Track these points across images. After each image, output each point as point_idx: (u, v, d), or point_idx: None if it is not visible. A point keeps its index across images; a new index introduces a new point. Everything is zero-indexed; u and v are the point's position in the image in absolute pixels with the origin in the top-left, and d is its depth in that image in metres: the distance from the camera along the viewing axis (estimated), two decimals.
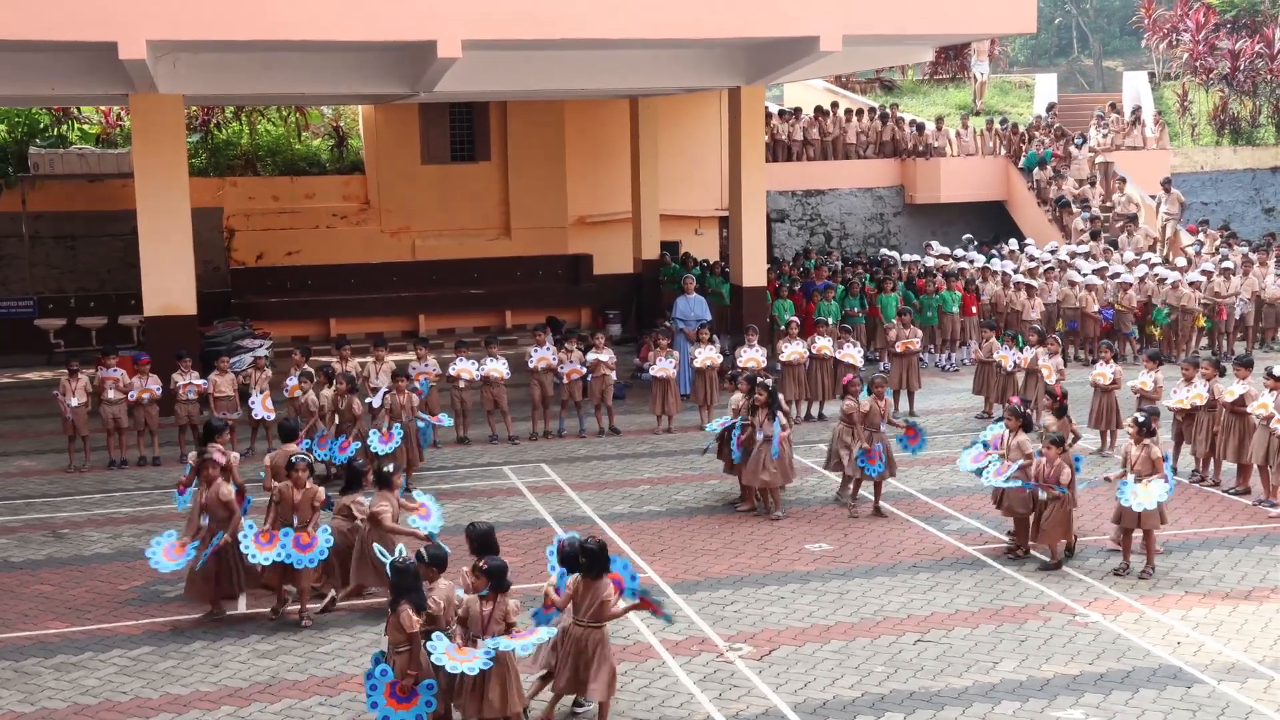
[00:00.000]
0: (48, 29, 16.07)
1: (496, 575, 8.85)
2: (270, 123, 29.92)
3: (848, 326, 21.29)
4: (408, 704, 8.73)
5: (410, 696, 8.74)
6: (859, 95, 37.33)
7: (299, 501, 11.44)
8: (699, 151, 29.76)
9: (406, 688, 8.73)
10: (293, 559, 11.18)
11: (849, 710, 9.57)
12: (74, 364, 17.73)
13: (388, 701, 8.68)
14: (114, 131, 28.45)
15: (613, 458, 17.52)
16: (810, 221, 32.46)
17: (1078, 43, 65.53)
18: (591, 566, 9.16)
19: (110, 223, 26.31)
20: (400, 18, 17.02)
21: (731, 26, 18.56)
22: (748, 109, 21.98)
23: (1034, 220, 31.28)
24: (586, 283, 28.76)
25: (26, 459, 17.74)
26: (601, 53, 20.41)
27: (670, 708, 9.67)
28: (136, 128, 19.86)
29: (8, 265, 26.69)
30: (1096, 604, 11.58)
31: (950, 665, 10.33)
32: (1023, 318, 22.64)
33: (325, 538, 11.32)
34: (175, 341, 18.92)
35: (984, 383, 19.33)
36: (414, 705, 8.76)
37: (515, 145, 28.91)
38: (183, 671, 10.51)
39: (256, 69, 19.55)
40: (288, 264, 27.84)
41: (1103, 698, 9.67)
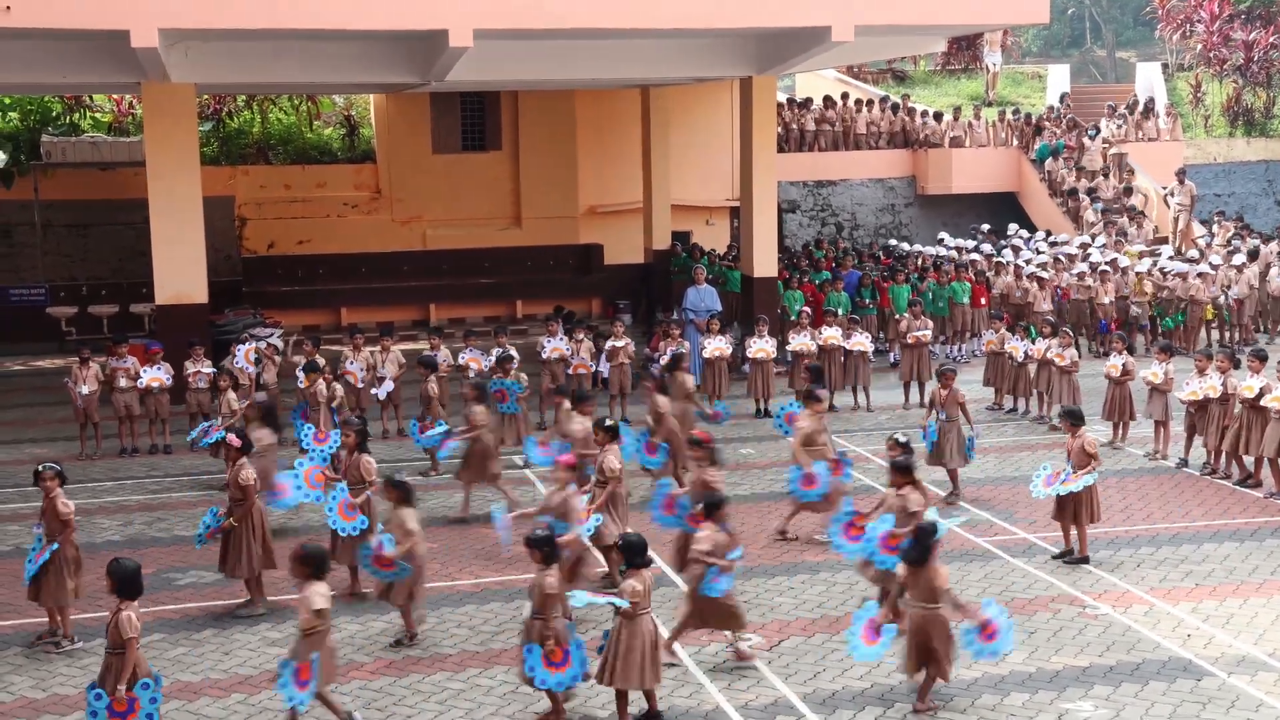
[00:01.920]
0: (60, 17, 16.10)
1: (630, 551, 9.12)
2: (282, 111, 29.94)
3: (856, 317, 21.28)
4: (562, 667, 8.93)
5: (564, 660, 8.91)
6: (871, 86, 37.25)
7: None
8: (710, 141, 29.71)
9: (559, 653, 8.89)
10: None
11: (858, 701, 9.57)
12: (85, 352, 17.77)
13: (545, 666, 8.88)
14: (126, 120, 28.48)
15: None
16: (821, 212, 32.43)
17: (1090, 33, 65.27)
18: (920, 556, 9.26)
19: (122, 211, 26.35)
20: (412, 7, 17.02)
21: (743, 16, 18.52)
22: (759, 99, 21.95)
23: (1046, 211, 31.21)
24: (597, 273, 28.75)
25: (38, 446, 17.79)
26: (613, 42, 20.39)
27: (679, 697, 9.68)
28: (148, 116, 19.89)
29: (20, 253, 26.74)
30: (1106, 596, 11.56)
31: (959, 656, 10.30)
32: (1034, 309, 22.60)
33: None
34: (187, 330, 18.97)
35: (995, 374, 19.30)
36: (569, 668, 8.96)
37: (526, 135, 28.90)
38: (193, 659, 10.55)
39: (268, 58, 19.56)
40: (299, 253, 27.87)
41: (1112, 690, 9.66)
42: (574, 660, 8.91)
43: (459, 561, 12.88)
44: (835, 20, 18.32)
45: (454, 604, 11.67)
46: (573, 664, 8.90)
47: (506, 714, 9.45)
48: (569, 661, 8.88)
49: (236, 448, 11.78)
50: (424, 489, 15.00)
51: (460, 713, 9.48)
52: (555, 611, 8.98)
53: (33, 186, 26.24)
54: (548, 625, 8.91)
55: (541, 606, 8.95)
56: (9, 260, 26.70)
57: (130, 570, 8.61)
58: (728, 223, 30.43)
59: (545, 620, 8.93)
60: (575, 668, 8.92)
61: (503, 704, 9.61)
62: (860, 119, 32.62)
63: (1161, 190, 30.20)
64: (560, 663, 8.85)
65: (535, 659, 8.83)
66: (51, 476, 10.99)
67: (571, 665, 8.90)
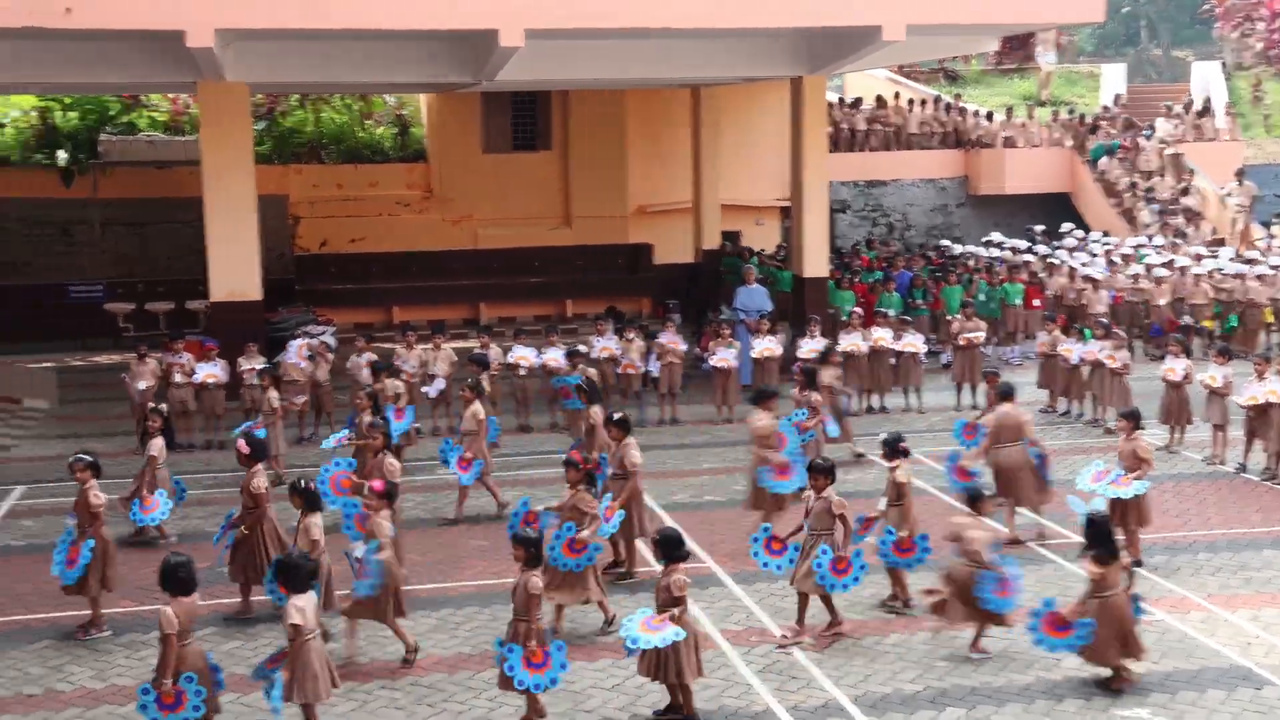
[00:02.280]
0: (119, 18, 16.31)
1: (668, 545, 9.22)
2: (334, 111, 30.16)
3: (908, 318, 21.16)
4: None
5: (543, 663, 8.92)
6: (922, 85, 37.03)
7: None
8: (760, 141, 29.63)
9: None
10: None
11: (910, 704, 9.51)
12: (142, 348, 18.01)
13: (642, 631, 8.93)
14: (182, 119, 28.79)
15: (673, 447, 17.52)
16: (872, 212, 32.28)
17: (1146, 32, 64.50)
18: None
19: (178, 209, 26.62)
20: (463, 7, 17.10)
21: (794, 16, 18.46)
22: (810, 99, 21.86)
23: (1100, 212, 30.91)
24: (646, 272, 28.74)
25: (96, 441, 17.97)
26: (663, 42, 20.38)
27: (729, 698, 9.66)
28: (204, 115, 20.10)
29: (79, 251, 27.10)
30: (1162, 602, 11.42)
31: (1013, 661, 10.24)
32: (1088, 310, 22.38)
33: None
34: (241, 327, 19.14)
35: (1049, 376, 19.13)
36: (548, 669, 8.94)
37: (576, 135, 28.93)
38: (247, 652, 10.65)
39: (321, 57, 19.70)
40: (351, 251, 28.06)
41: (1169, 697, 9.54)
42: (553, 662, 8.88)
43: (460, 561, 12.92)
44: (886, 20, 18.23)
45: (455, 605, 11.70)
46: (552, 665, 8.87)
47: (557, 711, 9.46)
48: (549, 663, 8.86)
49: (246, 454, 11.80)
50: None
51: (510, 710, 9.50)
52: (538, 613, 8.96)
53: (91, 185, 26.60)
54: (530, 626, 8.89)
55: (525, 607, 8.93)
56: (68, 257, 27.05)
57: (172, 566, 8.63)
58: (778, 222, 30.34)
59: (528, 622, 8.90)
60: (554, 669, 8.89)
61: (552, 701, 9.62)
62: (912, 119, 32.42)
63: (1220, 191, 29.82)
64: (540, 664, 8.84)
65: (515, 659, 8.81)
66: (84, 468, 11.13)
67: (550, 667, 8.87)
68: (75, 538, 10.98)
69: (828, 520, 10.50)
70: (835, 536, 10.45)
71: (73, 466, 11.16)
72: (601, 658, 10.41)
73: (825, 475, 10.63)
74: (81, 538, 10.94)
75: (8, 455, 17.85)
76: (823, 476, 10.62)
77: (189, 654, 8.46)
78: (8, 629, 11.28)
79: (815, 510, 10.59)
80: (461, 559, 12.94)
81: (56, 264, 26.92)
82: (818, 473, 10.66)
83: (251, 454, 11.76)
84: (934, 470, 16.08)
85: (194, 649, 8.53)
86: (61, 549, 10.98)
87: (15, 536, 14.02)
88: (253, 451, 11.80)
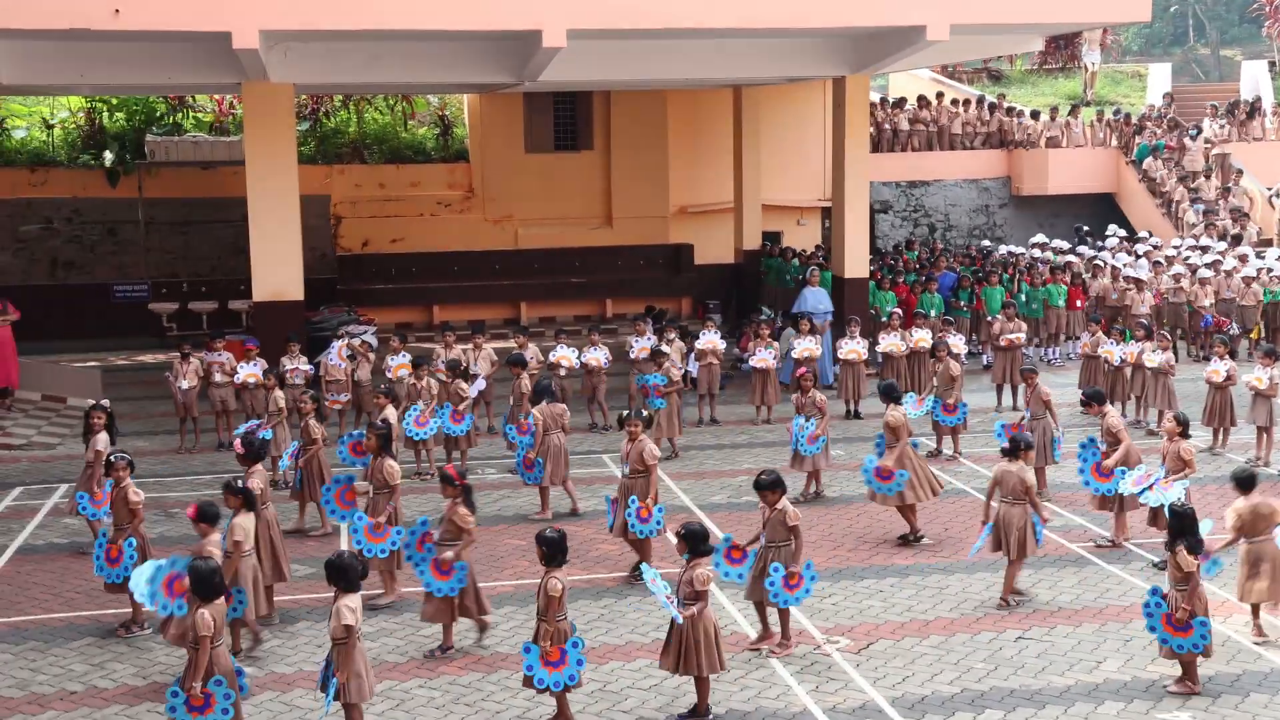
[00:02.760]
0: (166, 19, 16.47)
1: (693, 540, 9.23)
2: (377, 111, 30.33)
3: (950, 319, 21.06)
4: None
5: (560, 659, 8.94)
6: (965, 85, 36.81)
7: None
8: (802, 141, 29.57)
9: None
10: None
11: (948, 706, 9.47)
12: (186, 347, 18.18)
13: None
14: (227, 119, 29.04)
15: (711, 448, 17.50)
16: (914, 213, 32.11)
17: (1194, 31, 63.92)
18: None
19: (222, 209, 26.89)
20: (506, 7, 17.16)
21: (837, 15, 18.40)
22: (852, 99, 21.79)
23: (1145, 213, 30.62)
24: (687, 272, 28.73)
25: (140, 439, 18.19)
26: (705, 42, 20.37)
27: (767, 699, 9.65)
28: (248, 116, 20.26)
29: (124, 250, 27.40)
30: None
31: (1052, 663, 10.17)
32: (1131, 312, 22.18)
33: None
34: (283, 326, 19.28)
35: (1091, 378, 18.97)
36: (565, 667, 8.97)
37: (618, 135, 28.95)
38: (287, 651, 10.73)
39: (365, 58, 19.83)
40: (392, 251, 28.20)
41: (1210, 701, 9.44)
42: (570, 659, 8.88)
43: (500, 561, 12.93)
44: (930, 19, 18.13)
45: (493, 605, 11.69)
46: (569, 663, 8.87)
47: (594, 711, 9.49)
48: (565, 660, 8.86)
49: (241, 454, 11.83)
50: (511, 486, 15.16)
51: (548, 709, 9.52)
52: (561, 614, 8.94)
53: (137, 185, 26.89)
54: (550, 625, 8.88)
55: (546, 608, 8.92)
56: (114, 257, 27.36)
57: (205, 571, 8.65)
58: (819, 223, 30.25)
59: (549, 621, 8.89)
60: (571, 666, 8.88)
61: (590, 701, 9.65)
62: (956, 119, 32.24)
63: (1267, 192, 29.47)
64: (557, 662, 8.84)
65: (533, 659, 8.82)
66: (123, 466, 11.22)
67: (568, 664, 8.87)
68: (113, 536, 11.09)
69: (783, 532, 10.39)
70: (788, 550, 10.34)
71: (112, 465, 11.25)
72: (638, 657, 10.42)
73: (775, 489, 10.42)
74: (120, 536, 11.05)
75: (52, 454, 18.07)
76: (772, 491, 10.42)
77: (218, 656, 8.50)
78: (52, 626, 11.42)
79: (770, 521, 10.46)
80: (501, 559, 12.98)
81: (102, 264, 27.24)
82: (766, 488, 10.43)
83: (248, 454, 11.76)
84: (973, 471, 16.00)
85: (222, 651, 8.56)
86: (100, 548, 11.10)
87: (58, 534, 14.19)
88: (249, 452, 11.78)
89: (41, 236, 26.96)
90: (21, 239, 26.81)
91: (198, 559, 8.89)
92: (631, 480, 12.10)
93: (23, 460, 17.69)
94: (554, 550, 9.06)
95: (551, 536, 9.12)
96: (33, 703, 9.83)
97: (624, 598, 11.78)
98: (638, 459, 12.08)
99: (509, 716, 9.42)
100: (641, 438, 12.17)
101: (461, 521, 10.52)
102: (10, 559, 13.31)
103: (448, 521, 10.61)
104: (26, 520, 14.69)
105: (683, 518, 13.78)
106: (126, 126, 28.39)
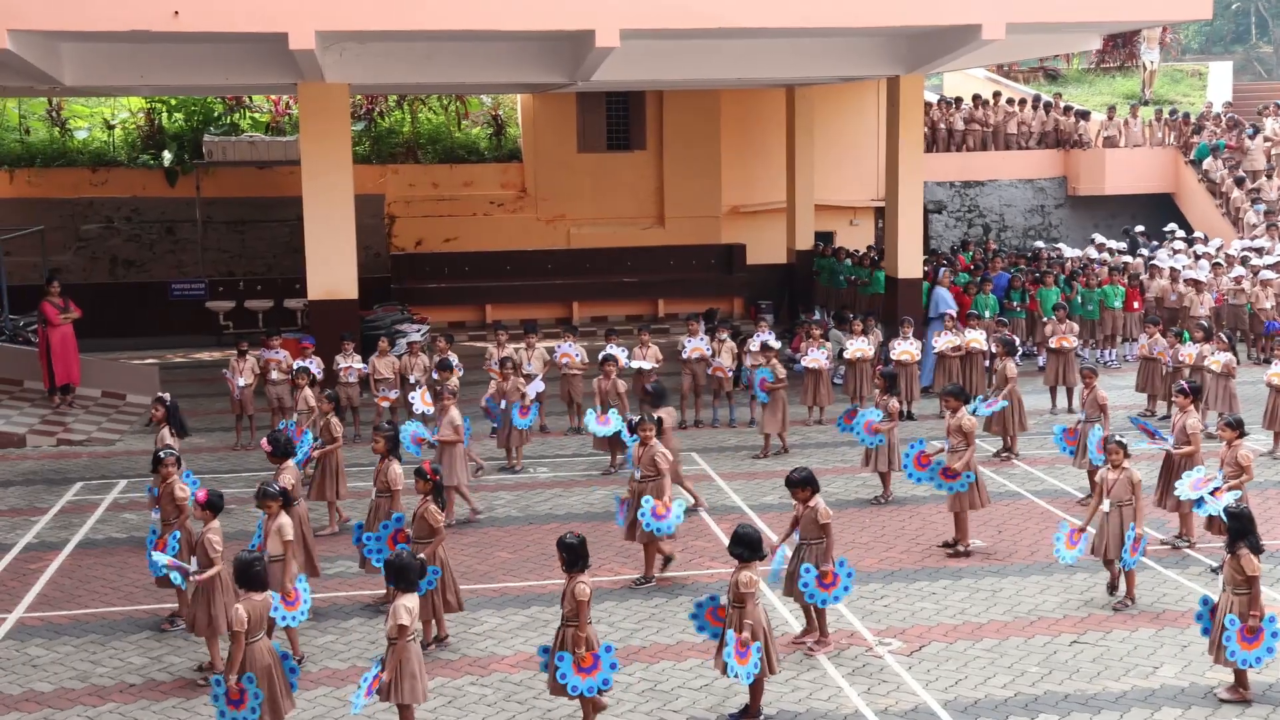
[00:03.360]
0: (223, 21, 16.65)
1: (744, 543, 9.24)
2: (431, 111, 30.51)
3: (1004, 320, 20.88)
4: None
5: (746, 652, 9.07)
6: (1021, 85, 36.48)
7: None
8: (855, 141, 29.44)
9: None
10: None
11: (1001, 710, 9.39)
12: (243, 345, 18.38)
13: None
14: (283, 120, 29.32)
15: (761, 447, 17.45)
16: (969, 213, 31.88)
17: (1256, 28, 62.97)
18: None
19: (277, 208, 27.15)
20: (559, 7, 17.19)
21: (891, 15, 18.28)
22: (906, 98, 21.64)
23: (1204, 213, 30.22)
24: (739, 272, 28.69)
25: (197, 436, 18.34)
26: (759, 41, 20.32)
27: (818, 700, 9.62)
28: (304, 116, 20.42)
29: (182, 249, 27.73)
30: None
31: (1108, 668, 10.07)
32: (1190, 313, 21.90)
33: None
34: (337, 325, 19.42)
35: (1147, 380, 18.77)
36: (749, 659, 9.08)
37: (670, 134, 28.96)
38: (340, 646, 10.82)
39: (419, 58, 19.93)
40: (446, 250, 28.36)
41: (1271, 710, 9.31)
42: (603, 664, 8.87)
43: (552, 559, 12.96)
44: (986, 18, 17.97)
45: (545, 603, 11.70)
46: (602, 668, 8.86)
47: (645, 710, 9.49)
48: (599, 665, 8.86)
49: (269, 452, 11.92)
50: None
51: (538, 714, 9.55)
52: (587, 618, 8.90)
53: (195, 185, 27.21)
54: (580, 631, 8.85)
55: (573, 613, 8.89)
56: (172, 256, 27.69)
57: (244, 563, 8.75)
58: (872, 223, 30.11)
59: (578, 627, 8.86)
60: (605, 671, 8.87)
61: (640, 700, 9.65)
62: (1012, 119, 31.97)
63: None
64: (590, 668, 8.82)
65: (566, 666, 8.81)
66: (171, 462, 11.35)
67: (601, 669, 8.86)
68: (162, 532, 11.23)
69: (815, 530, 10.40)
70: (819, 548, 10.38)
71: (163, 461, 11.40)
72: (689, 657, 10.42)
73: (805, 486, 10.47)
74: (167, 530, 11.19)
75: (112, 449, 18.32)
76: (803, 488, 10.46)
77: (255, 651, 8.55)
78: (112, 619, 11.58)
79: (803, 519, 10.49)
80: (553, 556, 12.98)
81: (160, 262, 27.58)
82: (797, 485, 10.48)
83: (276, 451, 11.87)
84: (1027, 473, 15.87)
85: (261, 645, 8.61)
86: (151, 543, 11.24)
87: (118, 529, 14.38)
88: (277, 449, 11.89)
89: (102, 235, 27.34)
90: (83, 238, 27.20)
91: (242, 551, 8.98)
92: (643, 485, 12.06)
93: (83, 456, 17.95)
94: (574, 556, 9.01)
95: (571, 542, 9.06)
96: (93, 694, 9.98)
97: (675, 597, 11.78)
98: (650, 463, 12.09)
99: (560, 715, 9.44)
100: (653, 442, 12.16)
101: (432, 520, 10.57)
102: (71, 553, 13.51)
103: (419, 520, 10.66)
104: (87, 515, 14.91)
105: (735, 518, 13.79)
106: (185, 127, 28.73)
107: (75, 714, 9.65)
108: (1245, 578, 9.31)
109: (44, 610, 11.83)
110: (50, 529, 14.40)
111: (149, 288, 26.95)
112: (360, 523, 11.89)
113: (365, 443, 17.62)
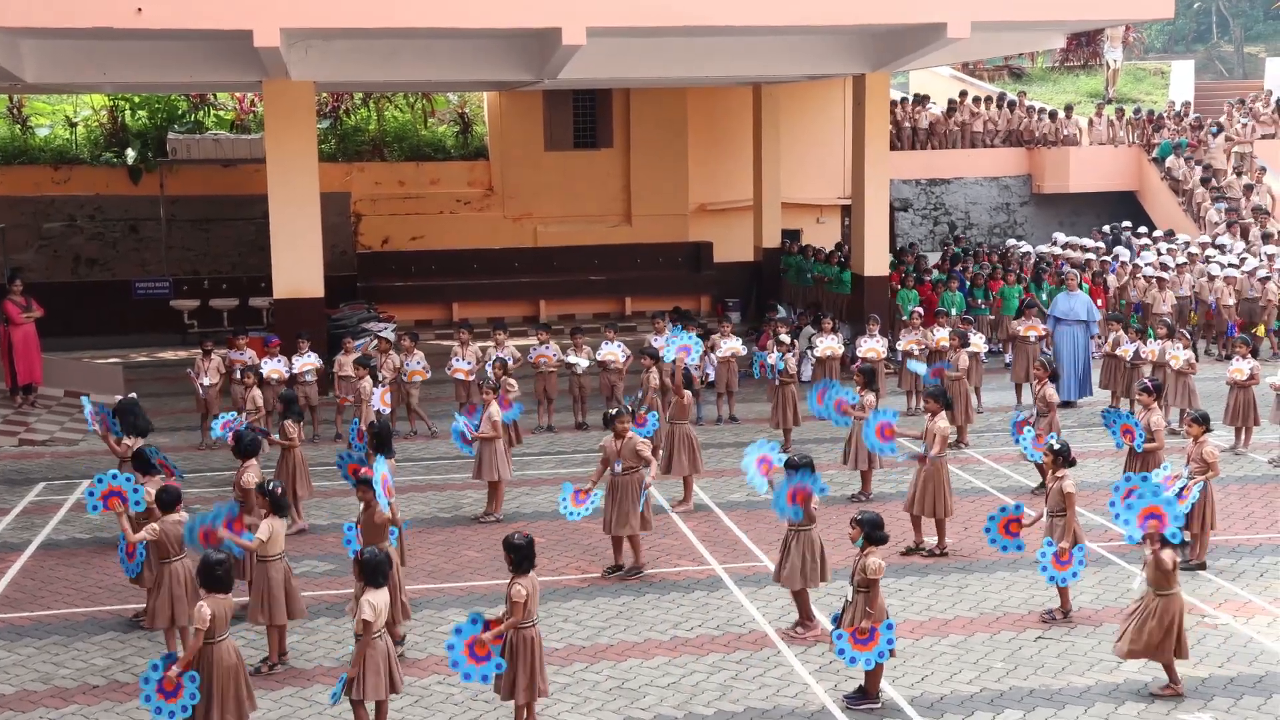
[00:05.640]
0: (188, 18, 16.55)
1: (869, 526, 9.54)
2: (397, 109, 30.41)
3: (970, 318, 20.98)
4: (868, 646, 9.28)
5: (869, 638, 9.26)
6: (986, 83, 36.69)
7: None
8: (822, 139, 29.53)
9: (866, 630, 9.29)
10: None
11: (966, 706, 9.45)
12: (208, 344, 18.27)
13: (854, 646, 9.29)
14: (248, 117, 29.15)
15: (730, 445, 17.48)
16: (934, 211, 32.03)
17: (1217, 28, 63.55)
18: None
19: (242, 206, 26.98)
20: (526, 5, 17.18)
21: (857, 13, 18.37)
22: (872, 96, 21.74)
23: (1167, 211, 30.47)
24: (707, 270, 28.73)
25: (161, 436, 18.21)
26: (725, 40, 20.36)
27: (785, 697, 9.65)
28: (269, 114, 20.32)
29: (146, 247, 27.52)
30: (1227, 606, 11.26)
31: (1072, 664, 10.14)
32: (1153, 310, 22.08)
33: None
34: (303, 323, 19.35)
35: (1110, 376, 18.91)
36: (875, 646, 9.26)
37: (637, 132, 28.98)
38: (307, 646, 10.79)
39: (385, 56, 19.87)
40: (412, 249, 28.29)
41: (1233, 702, 9.40)
42: (496, 652, 8.74)
43: (565, 556, 12.98)
44: (951, 16, 18.08)
45: (560, 598, 11.76)
46: (494, 656, 8.72)
47: (613, 709, 9.51)
48: (490, 655, 8.73)
49: (234, 448, 11.90)
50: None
51: (566, 707, 9.55)
52: (515, 619, 8.75)
53: (159, 183, 27.01)
54: (508, 631, 8.76)
55: (510, 614, 8.80)
56: (136, 254, 27.48)
57: (208, 563, 8.69)
58: (839, 220, 30.21)
59: (510, 627, 8.76)
60: (498, 657, 8.73)
61: (608, 699, 9.67)
62: (977, 117, 32.14)
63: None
64: (484, 656, 8.71)
65: (457, 653, 8.72)
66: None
67: (493, 656, 8.72)
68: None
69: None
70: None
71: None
72: (657, 655, 10.43)
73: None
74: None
75: (74, 449, 18.17)
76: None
77: (220, 651, 8.49)
78: (75, 620, 11.49)
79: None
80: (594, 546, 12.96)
81: (124, 261, 27.35)
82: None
83: (239, 449, 11.83)
84: (992, 470, 15.97)
85: (226, 645, 8.55)
86: (122, 543, 11.15)
87: (81, 530, 14.27)
88: (240, 446, 11.85)
89: (64, 234, 27.09)
90: (45, 236, 26.95)
91: (207, 553, 8.96)
92: (627, 477, 12.09)
93: (46, 456, 17.80)
94: (520, 556, 8.92)
95: (519, 543, 8.96)
96: (56, 696, 9.90)
97: (641, 595, 11.80)
98: (631, 455, 12.10)
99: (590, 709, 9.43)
100: (631, 434, 12.20)
101: (379, 520, 10.53)
102: (33, 554, 13.40)
103: (366, 524, 10.56)
104: (49, 515, 14.79)
105: (703, 516, 13.82)
106: (148, 124, 28.51)
107: (38, 716, 9.58)
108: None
109: (6, 612, 11.73)
110: (12, 530, 14.27)
111: (113, 286, 26.73)
112: (351, 524, 11.73)
113: (324, 442, 17.66)
